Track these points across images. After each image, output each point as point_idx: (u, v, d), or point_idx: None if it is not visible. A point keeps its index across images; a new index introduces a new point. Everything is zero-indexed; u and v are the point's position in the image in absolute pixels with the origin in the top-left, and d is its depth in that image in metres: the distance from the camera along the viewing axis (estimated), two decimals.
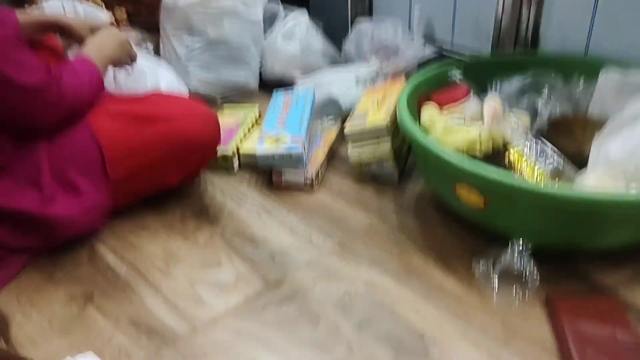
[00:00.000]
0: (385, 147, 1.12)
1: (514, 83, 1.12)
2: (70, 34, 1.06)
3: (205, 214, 1.09)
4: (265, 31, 1.57)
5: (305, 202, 1.12)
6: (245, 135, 1.31)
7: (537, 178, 0.92)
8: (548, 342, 0.81)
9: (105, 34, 1.04)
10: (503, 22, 1.27)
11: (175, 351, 0.81)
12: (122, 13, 1.52)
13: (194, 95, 1.43)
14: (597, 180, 0.88)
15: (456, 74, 1.14)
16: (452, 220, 1.03)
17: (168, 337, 0.83)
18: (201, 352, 0.81)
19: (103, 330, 0.85)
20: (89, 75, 0.94)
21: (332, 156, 1.27)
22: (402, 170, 1.19)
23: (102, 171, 0.95)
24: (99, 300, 0.90)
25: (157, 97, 1.07)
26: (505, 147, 0.97)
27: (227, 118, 1.36)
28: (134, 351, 0.81)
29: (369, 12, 1.59)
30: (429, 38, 1.43)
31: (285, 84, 1.53)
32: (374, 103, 1.20)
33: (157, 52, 1.53)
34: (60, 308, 0.89)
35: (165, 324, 0.86)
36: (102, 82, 0.98)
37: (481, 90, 1.13)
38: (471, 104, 1.10)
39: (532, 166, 0.93)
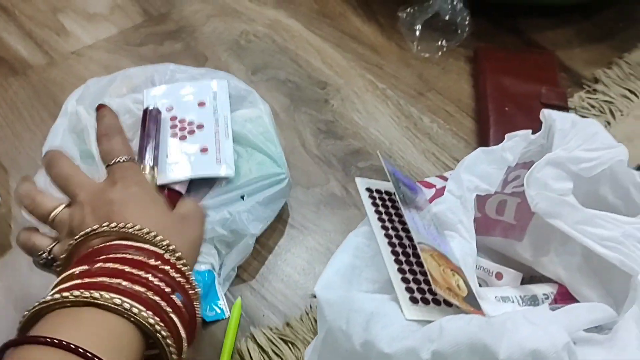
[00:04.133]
0: None
1: None
2: None
3: None
4: None
5: None
6: None
7: None
8: (466, 98, 0.71)
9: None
10: None
11: (25, 81, 0.67)
12: None
13: None
14: None
15: None
16: None
17: (18, 68, 0.69)
18: (57, 83, 0.67)
19: None
20: None
21: None
22: None
23: None
24: None
25: None
26: None
27: None
28: None
29: None
30: None
31: None
32: None
33: None
34: None
35: (16, 54, 0.70)
36: None
37: None
38: None
39: None
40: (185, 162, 0.54)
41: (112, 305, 0.32)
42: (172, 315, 0.35)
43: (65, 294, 0.33)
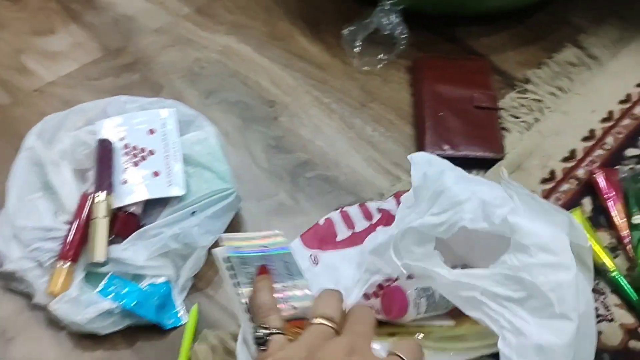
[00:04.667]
0: None
1: None
2: None
3: None
4: None
5: None
6: None
7: None
8: (406, 106, 0.76)
9: None
10: None
11: None
12: None
13: None
14: None
15: None
16: None
17: None
18: (21, 121, 0.71)
19: None
20: None
21: None
22: None
23: None
24: None
25: None
26: None
27: None
28: None
29: None
30: None
31: None
32: None
33: None
34: None
35: None
36: None
37: None
38: None
39: None
40: (139, 186, 0.59)
41: None
42: None
43: None
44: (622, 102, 0.76)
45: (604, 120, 0.74)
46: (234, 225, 0.63)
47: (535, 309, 0.42)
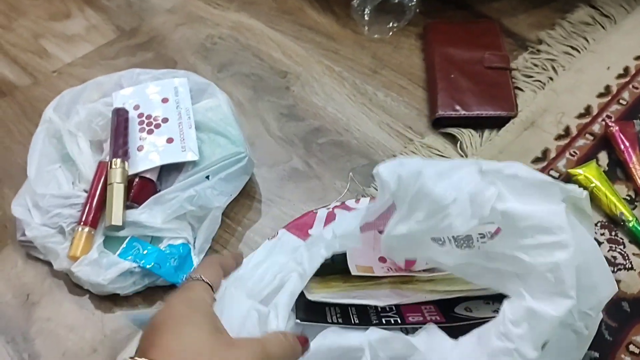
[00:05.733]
0: None
1: None
2: None
3: None
4: None
5: None
6: None
7: None
8: (417, 71, 0.76)
9: None
10: None
11: (13, 101, 0.74)
12: None
13: None
14: None
15: None
16: None
17: (6, 90, 0.75)
18: (41, 100, 0.73)
19: None
20: None
21: None
22: None
23: None
24: None
25: None
26: None
27: None
28: None
29: None
30: None
31: None
32: None
33: None
34: None
35: (3, 78, 0.77)
36: None
37: None
38: None
39: None
40: (153, 152, 0.60)
41: None
42: None
43: None
44: (638, 58, 0.75)
45: (620, 76, 0.73)
46: (249, 190, 0.64)
47: (535, 283, 0.40)
